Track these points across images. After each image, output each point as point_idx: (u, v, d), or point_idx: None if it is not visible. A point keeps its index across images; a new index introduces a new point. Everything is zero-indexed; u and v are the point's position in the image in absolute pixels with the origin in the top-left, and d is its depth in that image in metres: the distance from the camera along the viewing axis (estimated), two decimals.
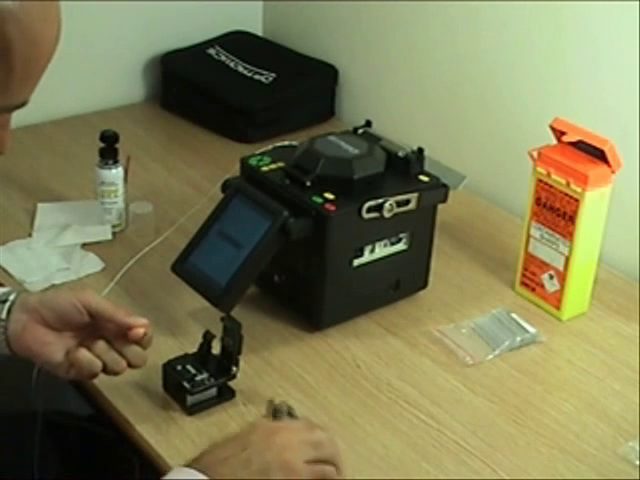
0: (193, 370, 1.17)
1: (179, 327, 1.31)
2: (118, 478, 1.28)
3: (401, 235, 1.34)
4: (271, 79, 1.95)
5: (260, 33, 2.17)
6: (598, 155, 1.31)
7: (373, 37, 1.90)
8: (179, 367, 1.17)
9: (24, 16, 0.80)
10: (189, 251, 1.30)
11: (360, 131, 1.42)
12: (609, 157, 1.30)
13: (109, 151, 1.52)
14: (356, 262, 1.31)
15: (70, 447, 1.35)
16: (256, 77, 1.95)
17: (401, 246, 1.35)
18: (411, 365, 1.29)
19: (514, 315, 1.38)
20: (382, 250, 1.33)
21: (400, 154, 1.34)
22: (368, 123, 1.43)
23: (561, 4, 1.54)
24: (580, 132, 1.33)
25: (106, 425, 1.21)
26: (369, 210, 1.27)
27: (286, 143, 1.45)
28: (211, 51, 2.04)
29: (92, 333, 1.10)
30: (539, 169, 1.36)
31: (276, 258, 1.27)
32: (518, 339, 1.34)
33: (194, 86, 1.96)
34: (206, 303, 1.27)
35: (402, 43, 1.84)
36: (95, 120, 1.90)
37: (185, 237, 1.34)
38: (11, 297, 1.11)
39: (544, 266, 1.40)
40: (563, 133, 1.35)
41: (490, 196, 1.71)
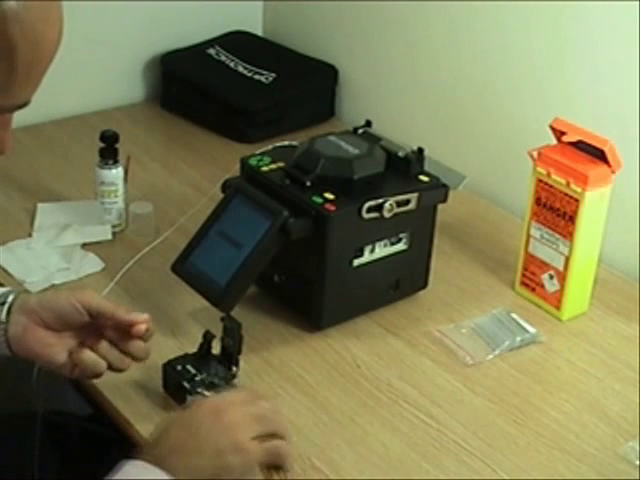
0: (193, 370, 1.17)
1: (179, 327, 1.31)
2: None
3: (401, 235, 1.34)
4: (271, 79, 1.95)
5: (260, 33, 2.16)
6: (598, 155, 1.31)
7: (373, 37, 1.90)
8: (179, 367, 1.17)
9: (27, 17, 0.80)
10: (189, 251, 1.30)
11: (360, 131, 1.41)
12: (609, 157, 1.30)
13: (109, 151, 1.52)
14: (356, 262, 1.31)
15: (70, 447, 1.35)
16: (256, 77, 1.95)
17: (401, 246, 1.35)
18: (411, 365, 1.29)
19: (514, 315, 1.38)
20: (382, 250, 1.33)
21: (400, 154, 1.34)
22: (368, 123, 1.43)
23: (561, 4, 1.53)
24: (580, 132, 1.33)
25: (106, 425, 1.21)
26: (369, 210, 1.27)
27: (286, 143, 1.45)
28: (211, 51, 2.03)
29: (93, 331, 1.10)
30: (539, 169, 1.36)
31: (276, 258, 1.27)
32: (518, 339, 1.34)
33: (194, 86, 1.96)
34: (206, 303, 1.27)
35: (402, 43, 1.84)
36: (95, 120, 1.90)
37: (185, 237, 1.34)
38: (9, 298, 1.10)
39: (544, 266, 1.39)
40: (563, 133, 1.35)
41: (490, 196, 1.71)
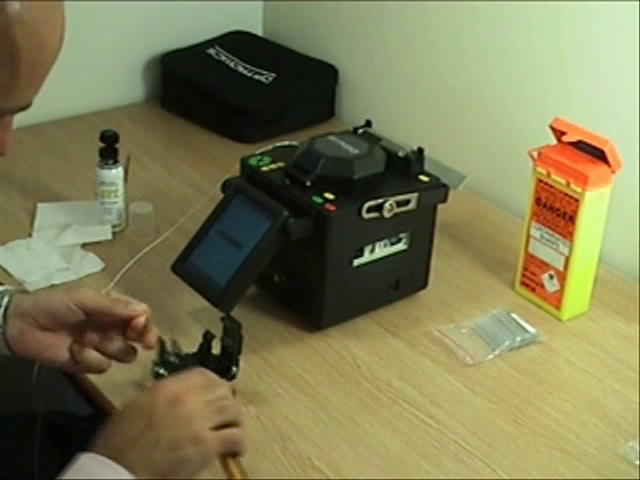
0: None
1: (179, 327, 1.31)
2: None
3: (401, 235, 1.34)
4: (271, 79, 1.95)
5: (260, 33, 2.16)
6: (598, 155, 1.31)
7: (373, 37, 1.90)
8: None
9: (30, 19, 0.80)
10: (189, 251, 1.30)
11: (360, 131, 1.41)
12: (609, 157, 1.30)
13: (109, 151, 1.52)
14: (356, 262, 1.31)
15: (70, 447, 1.35)
16: (256, 77, 1.95)
17: (401, 246, 1.35)
18: (411, 365, 1.29)
19: (514, 315, 1.38)
20: (382, 250, 1.33)
21: (400, 154, 1.34)
22: (368, 123, 1.43)
23: (561, 4, 1.54)
24: (580, 132, 1.33)
25: None
26: (369, 210, 1.27)
27: (286, 143, 1.45)
28: (211, 51, 2.03)
29: (93, 326, 1.09)
30: (539, 169, 1.36)
31: (276, 258, 1.27)
32: (518, 339, 1.34)
33: (194, 86, 1.96)
34: (206, 303, 1.27)
35: (402, 43, 1.84)
36: (95, 120, 1.90)
37: (185, 237, 1.34)
38: (4, 301, 1.09)
39: (544, 266, 1.39)
40: (563, 133, 1.35)
41: (490, 196, 1.71)
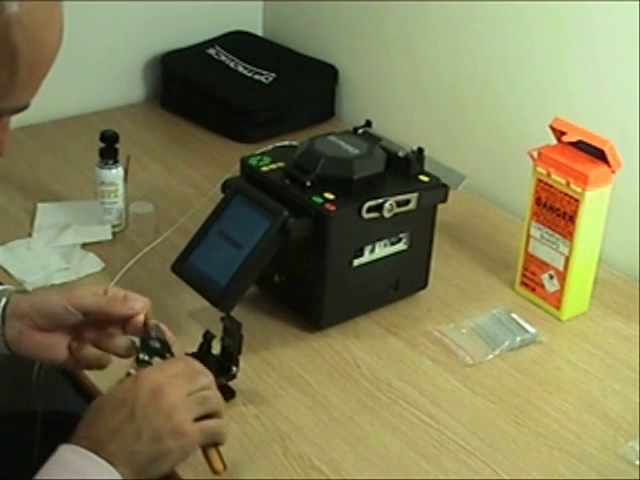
0: None
1: (179, 327, 1.31)
2: None
3: (401, 235, 1.34)
4: (271, 79, 1.95)
5: (260, 33, 2.16)
6: (598, 155, 1.31)
7: (373, 37, 1.90)
8: None
9: (29, 21, 0.80)
10: (189, 251, 1.30)
11: (360, 131, 1.41)
12: (609, 157, 1.30)
13: (109, 151, 1.52)
14: (356, 262, 1.31)
15: None
16: (256, 77, 1.95)
17: (401, 246, 1.35)
18: (411, 365, 1.29)
19: (514, 315, 1.38)
20: (382, 250, 1.33)
21: (400, 154, 1.34)
22: (368, 123, 1.43)
23: (561, 4, 1.53)
24: (580, 132, 1.33)
25: None
26: (369, 210, 1.27)
27: (286, 143, 1.45)
28: (211, 51, 2.03)
29: (91, 324, 1.09)
30: (539, 169, 1.36)
31: (276, 258, 1.27)
32: (518, 339, 1.33)
33: (194, 86, 1.96)
34: (206, 303, 1.27)
35: (402, 43, 1.84)
36: (95, 120, 1.90)
37: (185, 237, 1.34)
38: (2, 302, 1.09)
39: (544, 266, 1.39)
40: (563, 133, 1.35)
41: (490, 196, 1.71)
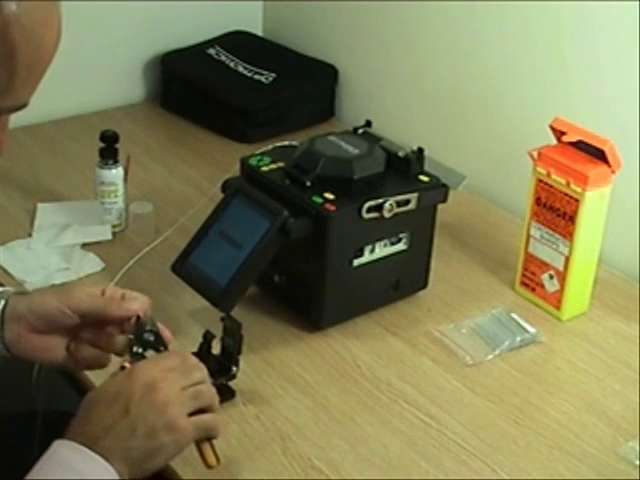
0: None
1: (179, 327, 1.31)
2: None
3: (401, 235, 1.34)
4: (271, 79, 1.95)
5: (260, 33, 2.17)
6: (598, 155, 1.31)
7: (373, 37, 1.90)
8: None
9: (27, 20, 0.80)
10: (189, 251, 1.30)
11: (360, 131, 1.41)
12: (609, 157, 1.30)
13: (109, 151, 1.52)
14: (356, 262, 1.31)
15: None
16: (256, 77, 1.95)
17: (401, 246, 1.35)
18: (411, 365, 1.29)
19: (514, 315, 1.38)
20: (382, 250, 1.33)
21: (400, 154, 1.34)
22: (368, 123, 1.43)
23: (561, 4, 1.54)
24: (580, 132, 1.33)
25: None
26: (369, 210, 1.27)
27: (286, 143, 1.45)
28: (211, 51, 2.04)
29: (89, 325, 1.09)
30: (539, 169, 1.36)
31: (276, 258, 1.27)
32: (518, 339, 1.33)
33: (194, 86, 1.96)
34: (206, 303, 1.27)
35: (402, 43, 1.84)
36: (95, 120, 1.90)
37: (185, 237, 1.34)
38: (0, 304, 1.09)
39: (544, 266, 1.39)
40: (563, 133, 1.35)
41: (490, 196, 1.71)
